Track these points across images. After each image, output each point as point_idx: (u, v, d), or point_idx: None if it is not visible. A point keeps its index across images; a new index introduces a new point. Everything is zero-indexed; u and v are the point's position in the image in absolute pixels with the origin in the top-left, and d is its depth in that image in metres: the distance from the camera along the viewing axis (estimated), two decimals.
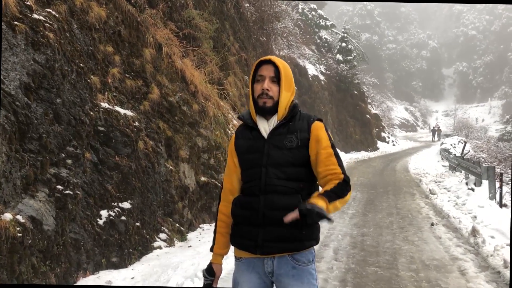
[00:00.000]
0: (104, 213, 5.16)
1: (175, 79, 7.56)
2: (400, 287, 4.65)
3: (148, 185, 6.09)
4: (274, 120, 2.09)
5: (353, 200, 10.54)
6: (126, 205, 5.52)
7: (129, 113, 6.03)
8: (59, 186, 4.44)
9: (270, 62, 2.08)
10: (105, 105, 5.59)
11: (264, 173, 2.03)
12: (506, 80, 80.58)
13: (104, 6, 6.15)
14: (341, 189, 2.00)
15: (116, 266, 5.14)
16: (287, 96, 2.09)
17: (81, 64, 5.26)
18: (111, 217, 5.19)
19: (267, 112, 2.09)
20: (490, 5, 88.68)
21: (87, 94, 5.24)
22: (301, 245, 2.03)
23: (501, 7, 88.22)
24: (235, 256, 2.18)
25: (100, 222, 5.06)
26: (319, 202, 1.88)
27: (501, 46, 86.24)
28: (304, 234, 2.01)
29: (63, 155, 4.62)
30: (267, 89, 2.05)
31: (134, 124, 6.00)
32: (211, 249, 2.23)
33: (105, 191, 5.27)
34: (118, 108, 5.83)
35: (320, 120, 2.15)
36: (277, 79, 2.07)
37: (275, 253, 2.03)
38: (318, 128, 2.08)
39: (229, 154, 2.21)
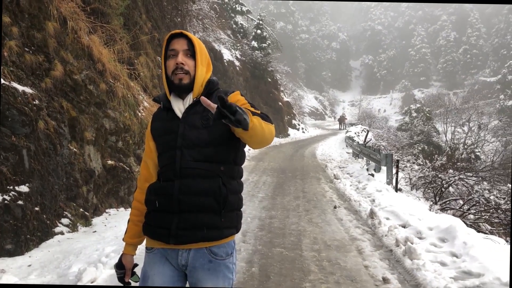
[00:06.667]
0: None
1: (81, 56, 7.13)
2: (303, 267, 4.87)
3: (49, 168, 5.73)
4: (190, 98, 1.92)
5: (263, 184, 10.82)
6: (24, 188, 5.14)
7: (28, 90, 5.59)
8: None
9: (182, 35, 1.92)
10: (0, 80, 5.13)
11: (179, 156, 1.85)
12: (406, 74, 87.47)
13: None
14: (261, 115, 1.77)
15: (11, 254, 4.79)
16: (203, 72, 1.93)
17: None
18: (5, 202, 4.81)
19: (184, 90, 1.92)
20: (395, 3, 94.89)
21: None
22: (219, 233, 1.87)
23: (404, 5, 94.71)
24: (146, 247, 2.00)
25: None
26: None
27: (403, 42, 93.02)
28: (223, 222, 1.86)
29: None
30: (182, 63, 1.87)
31: (34, 102, 5.59)
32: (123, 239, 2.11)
33: (0, 174, 4.87)
34: (15, 85, 5.37)
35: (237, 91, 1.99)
36: (191, 53, 1.91)
37: (190, 243, 1.86)
38: (233, 97, 1.92)
39: (146, 138, 2.07)
